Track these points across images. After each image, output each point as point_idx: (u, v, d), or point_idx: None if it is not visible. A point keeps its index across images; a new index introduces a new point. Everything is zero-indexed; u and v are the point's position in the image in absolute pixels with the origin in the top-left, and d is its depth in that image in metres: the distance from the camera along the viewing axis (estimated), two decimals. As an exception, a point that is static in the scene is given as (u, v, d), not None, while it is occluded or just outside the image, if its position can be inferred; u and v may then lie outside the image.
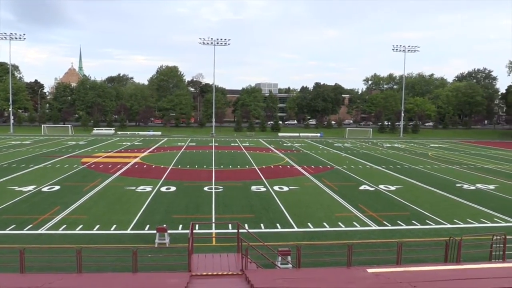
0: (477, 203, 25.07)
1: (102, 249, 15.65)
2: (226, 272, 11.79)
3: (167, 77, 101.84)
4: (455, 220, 21.14)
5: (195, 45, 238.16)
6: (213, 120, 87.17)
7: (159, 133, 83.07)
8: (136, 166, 37.96)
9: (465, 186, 30.57)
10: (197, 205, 23.35)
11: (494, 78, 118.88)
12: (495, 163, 44.86)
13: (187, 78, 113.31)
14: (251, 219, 20.55)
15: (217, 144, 63.14)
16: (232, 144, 64.14)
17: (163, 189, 27.61)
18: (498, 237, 13.32)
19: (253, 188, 28.36)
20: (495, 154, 55.71)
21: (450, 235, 14.61)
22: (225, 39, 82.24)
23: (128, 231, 18.45)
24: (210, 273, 11.61)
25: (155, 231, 16.77)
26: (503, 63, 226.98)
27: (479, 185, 31.02)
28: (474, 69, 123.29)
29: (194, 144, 62.78)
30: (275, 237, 17.84)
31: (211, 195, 25.85)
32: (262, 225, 19.70)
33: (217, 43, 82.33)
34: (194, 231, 16.66)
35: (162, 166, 37.88)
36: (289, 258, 13.54)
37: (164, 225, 17.50)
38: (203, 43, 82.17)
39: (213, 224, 19.71)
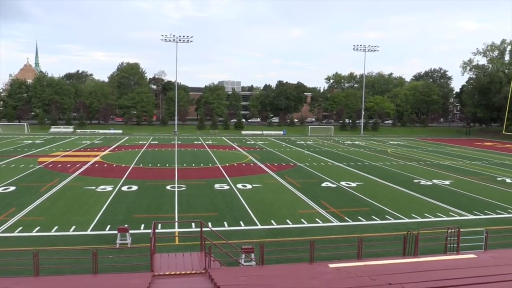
0: (433, 198, 26.01)
1: (61, 251, 15.20)
2: (189, 271, 11.71)
3: (128, 74, 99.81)
4: (413, 215, 21.85)
5: (157, 42, 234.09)
6: (176, 118, 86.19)
7: (120, 131, 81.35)
8: (96, 165, 37.04)
9: (422, 182, 31.63)
10: (159, 204, 23.06)
11: (449, 78, 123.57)
12: (450, 160, 46.65)
13: (149, 75, 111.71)
14: (215, 218, 20.50)
15: (180, 142, 62.51)
16: (195, 142, 63.69)
17: (125, 188, 27.09)
18: (453, 230, 13.88)
19: (217, 186, 28.29)
20: (450, 150, 57.95)
21: (408, 230, 15.09)
22: (187, 36, 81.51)
23: (88, 232, 18.00)
24: (173, 273, 11.50)
25: (116, 232, 16.43)
26: (457, 63, 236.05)
27: (435, 181, 32.18)
28: (431, 68, 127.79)
29: (156, 142, 61.88)
30: (239, 235, 17.87)
31: (173, 194, 25.59)
32: (225, 223, 19.69)
33: (180, 40, 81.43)
34: (157, 230, 16.46)
35: (123, 165, 37.13)
36: (252, 255, 13.60)
37: (126, 225, 17.17)
38: (165, 40, 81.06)
39: (176, 223, 19.53)
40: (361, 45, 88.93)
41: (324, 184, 29.94)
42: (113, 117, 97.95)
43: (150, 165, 37.92)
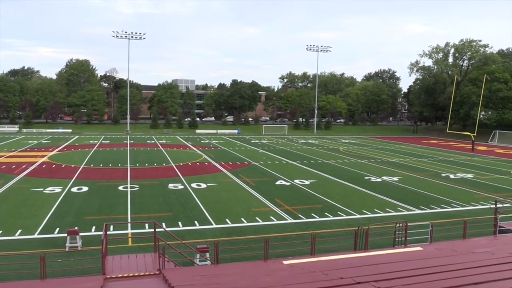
0: (383, 194, 26.95)
1: (6, 256, 14.49)
2: (143, 273, 11.52)
3: (78, 71, 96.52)
4: (363, 211, 22.54)
5: (108, 38, 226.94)
6: (128, 117, 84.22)
7: (69, 130, 78.57)
8: (44, 166, 35.57)
9: (373, 179, 32.68)
10: (111, 205, 22.49)
11: (398, 78, 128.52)
12: (399, 157, 48.47)
13: (100, 72, 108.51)
14: (169, 218, 20.26)
15: (132, 141, 61.17)
16: (148, 141, 62.55)
17: (74, 189, 26.21)
18: (401, 225, 14.46)
19: (171, 186, 27.95)
20: (399, 148, 60.20)
21: (359, 225, 15.55)
22: (140, 33, 79.93)
23: (36, 236, 17.28)
24: (126, 275, 11.27)
25: (65, 234, 15.89)
26: (405, 64, 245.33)
27: (384, 178, 33.34)
28: (380, 69, 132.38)
29: (108, 142, 60.21)
30: (193, 235, 17.76)
31: (126, 195, 25.04)
32: (180, 223, 19.51)
33: (132, 37, 79.68)
34: (109, 232, 16.04)
35: (73, 166, 35.89)
36: (207, 255, 13.56)
37: (76, 228, 16.63)
38: (117, 36, 79.07)
39: (129, 224, 19.13)
40: (314, 45, 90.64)
41: (278, 182, 30.28)
42: (61, 116, 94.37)
43: (101, 165, 36.88)
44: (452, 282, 7.84)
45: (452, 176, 35.27)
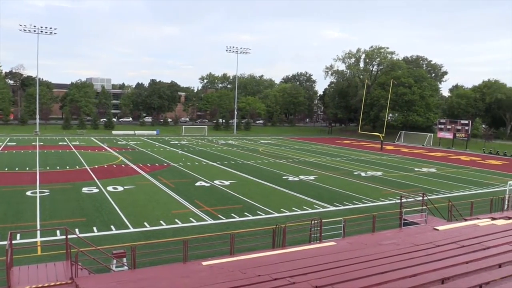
0: (300, 193, 27.90)
1: None
2: (54, 283, 10.85)
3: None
4: (282, 209, 23.17)
5: (15, 32, 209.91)
6: (37, 117, 78.68)
7: (-32, 132, 71.74)
8: None
9: (290, 178, 33.70)
10: (17, 212, 20.92)
11: (314, 81, 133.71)
12: (315, 157, 50.46)
13: (5, 69, 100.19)
14: (82, 223, 19.31)
15: (42, 143, 57.25)
16: (60, 143, 58.96)
17: (-26, 196, 24.01)
18: (316, 221, 15.08)
19: (85, 189, 26.64)
20: (315, 148, 62.67)
21: (277, 223, 15.97)
22: (51, 28, 74.99)
23: None
24: (34, 286, 10.55)
25: (-37, 245, 14.51)
26: (321, 68, 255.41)
27: (302, 177, 34.53)
28: (298, 72, 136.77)
29: (14, 143, 55.78)
30: (110, 240, 17.10)
31: (35, 200, 23.42)
32: (95, 228, 18.68)
33: (42, 31, 74.59)
34: (14, 241, 14.93)
35: (-28, 170, 32.84)
36: (124, 260, 13.13)
37: (-24, 238, 15.24)
38: (25, 30, 73.50)
39: (38, 232, 17.92)
40: (233, 47, 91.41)
41: (198, 184, 30.12)
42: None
43: (6, 169, 34.11)
44: (362, 272, 8.35)
45: (363, 174, 37.44)
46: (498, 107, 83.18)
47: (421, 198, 19.36)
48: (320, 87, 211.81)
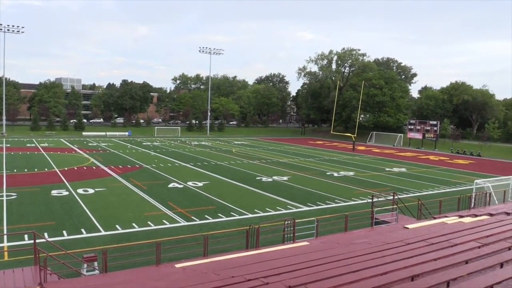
0: (274, 193, 28.02)
1: None
2: (21, 288, 10.56)
3: None
4: (255, 210, 23.21)
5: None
6: (4, 118, 76.33)
7: None
8: None
9: (264, 179, 33.79)
10: (-17, 217, 20.25)
11: (287, 82, 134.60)
12: (288, 157, 50.77)
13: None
14: (52, 227, 18.85)
15: (9, 145, 55.54)
16: (28, 145, 57.35)
17: None
18: (289, 222, 15.16)
19: (54, 192, 26.00)
20: (288, 149, 63.05)
21: (251, 224, 15.98)
22: (18, 26, 72.93)
23: None
24: (0, 292, 10.25)
25: None
26: (295, 69, 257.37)
27: (275, 177, 34.67)
28: (271, 73, 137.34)
29: (-22, 146, 53.98)
30: (80, 243, 16.76)
31: (1, 204, 22.68)
32: (64, 232, 18.26)
33: (8, 30, 72.42)
34: (-21, 246, 14.44)
35: None
36: (95, 264, 12.88)
37: None
38: (-11, 29, 71.27)
39: (5, 237, 17.38)
40: (207, 48, 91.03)
41: (171, 185, 29.85)
42: None
43: (-30, 172, 32.99)
44: (334, 271, 8.45)
45: (336, 174, 37.90)
46: (465, 108, 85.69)
47: (392, 197, 19.75)
48: (293, 88, 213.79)
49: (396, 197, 19.53)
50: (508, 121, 78.87)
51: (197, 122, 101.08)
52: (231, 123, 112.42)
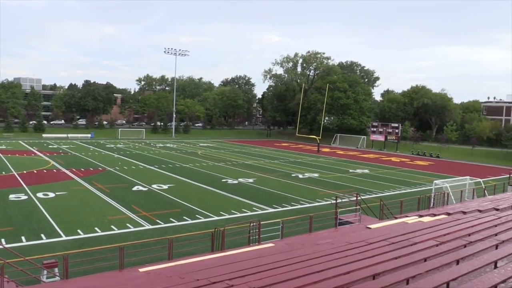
0: (239, 195, 28.05)
1: None
2: (-24, 297, 10.15)
3: None
4: (221, 212, 23.17)
5: None
6: (-43, 119, 73.05)
7: None
8: None
9: (230, 181, 33.77)
10: None
11: (253, 85, 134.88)
12: (254, 159, 50.92)
13: None
14: (9, 232, 18.19)
15: (-38, 148, 53.22)
16: (-16, 147, 55.10)
17: None
18: (254, 224, 15.23)
19: (12, 197, 25.08)
20: (254, 151, 63.24)
21: (216, 226, 15.94)
22: (-29, 25, 69.97)
23: None
24: (-47, 302, 9.81)
25: None
26: (260, 71, 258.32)
27: (241, 179, 34.71)
28: (237, 75, 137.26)
29: None
30: (40, 249, 16.25)
31: (-46, 209, 21.74)
32: (23, 237, 17.66)
33: (-39, 28, 69.37)
34: None
35: None
36: (56, 270, 12.52)
37: None
38: None
39: (-42, 243, 16.65)
40: (172, 49, 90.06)
41: (135, 188, 29.38)
42: None
43: None
44: (299, 272, 8.56)
45: (300, 176, 38.32)
46: (425, 111, 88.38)
47: (355, 198, 20.16)
48: (259, 90, 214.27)
49: (359, 198, 19.95)
50: (465, 124, 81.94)
51: (162, 124, 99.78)
52: (196, 125, 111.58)
